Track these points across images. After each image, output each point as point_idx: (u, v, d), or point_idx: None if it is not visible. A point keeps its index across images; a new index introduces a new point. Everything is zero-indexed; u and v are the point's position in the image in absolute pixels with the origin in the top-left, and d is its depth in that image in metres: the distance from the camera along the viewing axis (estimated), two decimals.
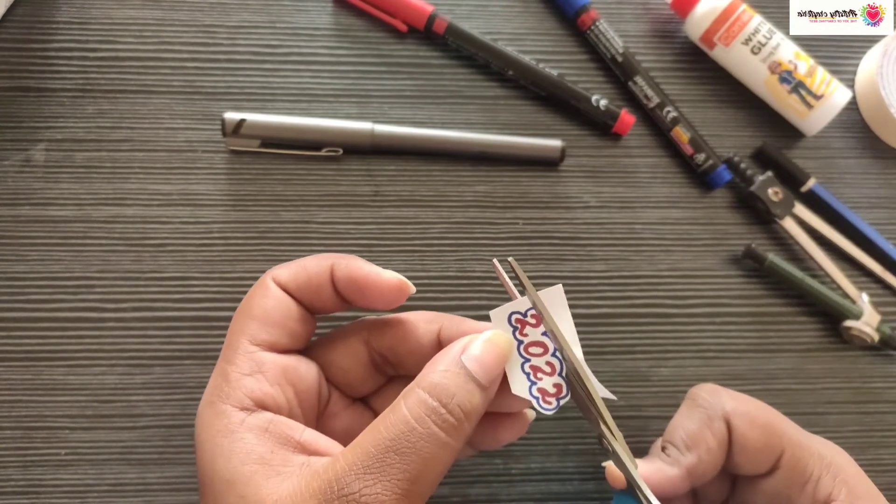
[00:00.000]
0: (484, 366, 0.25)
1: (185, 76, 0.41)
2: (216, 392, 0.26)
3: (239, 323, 0.28)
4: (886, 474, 0.41)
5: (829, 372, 0.42)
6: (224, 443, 0.25)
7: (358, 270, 0.28)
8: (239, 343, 0.27)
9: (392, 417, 0.24)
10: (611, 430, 0.27)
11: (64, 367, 0.37)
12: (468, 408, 0.24)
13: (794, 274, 0.41)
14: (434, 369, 0.25)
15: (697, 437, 0.30)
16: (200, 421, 0.26)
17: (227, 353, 0.27)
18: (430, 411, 0.24)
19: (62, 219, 0.39)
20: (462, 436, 0.24)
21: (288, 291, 0.29)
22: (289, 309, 0.28)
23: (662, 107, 0.43)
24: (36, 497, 0.36)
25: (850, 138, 0.45)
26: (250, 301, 0.29)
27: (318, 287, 0.29)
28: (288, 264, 0.30)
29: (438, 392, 0.24)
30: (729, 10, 0.42)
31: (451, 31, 0.42)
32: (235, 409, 0.25)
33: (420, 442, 0.23)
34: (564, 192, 0.42)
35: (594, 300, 0.41)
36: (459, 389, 0.24)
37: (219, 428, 0.25)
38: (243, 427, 0.25)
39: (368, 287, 0.28)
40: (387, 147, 0.41)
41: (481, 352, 0.25)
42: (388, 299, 0.29)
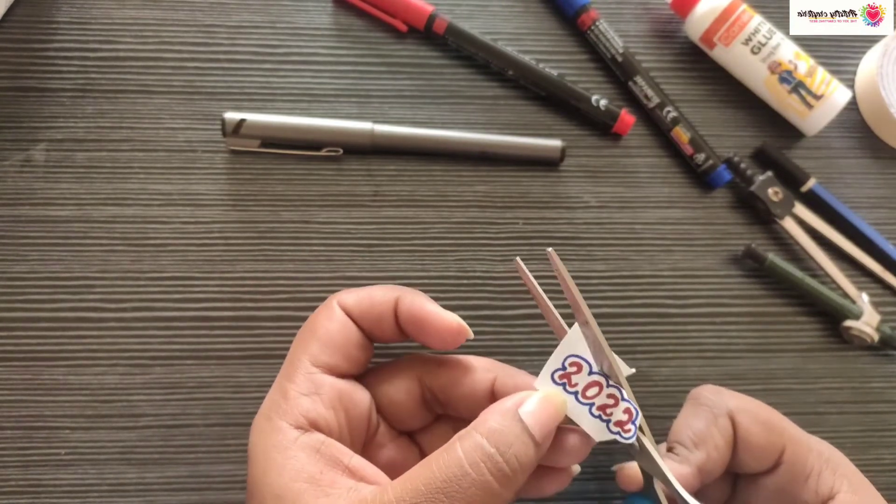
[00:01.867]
0: (539, 422, 0.25)
1: (186, 76, 0.41)
2: (274, 407, 0.27)
3: (302, 342, 0.29)
4: (886, 474, 0.41)
5: (829, 372, 0.42)
6: (277, 458, 0.25)
7: (420, 308, 0.29)
8: (300, 362, 0.28)
9: (446, 458, 0.24)
10: (640, 427, 0.27)
11: (64, 367, 0.37)
12: (524, 460, 0.24)
13: (794, 274, 0.41)
14: (491, 416, 0.25)
15: (705, 435, 0.31)
16: (256, 433, 0.27)
17: (287, 371, 0.28)
18: (487, 457, 0.23)
19: (62, 219, 0.39)
20: (513, 489, 0.24)
21: (351, 317, 0.29)
22: (351, 334, 0.29)
23: (662, 107, 0.43)
24: (36, 497, 0.36)
25: (850, 138, 0.45)
26: (315, 321, 0.29)
27: (380, 316, 0.29)
28: (355, 290, 0.30)
29: (496, 439, 0.24)
30: (729, 10, 0.42)
31: (451, 31, 0.42)
32: (291, 427, 0.26)
33: (472, 489, 0.23)
34: (564, 192, 0.42)
35: (594, 300, 0.41)
36: (517, 440, 0.24)
37: (273, 443, 0.26)
38: (296, 445, 0.25)
39: (429, 326, 0.29)
40: (387, 147, 0.41)
41: (537, 408, 0.25)
42: (445, 340, 0.29)
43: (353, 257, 0.40)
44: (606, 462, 0.38)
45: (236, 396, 0.38)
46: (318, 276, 0.39)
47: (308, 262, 0.40)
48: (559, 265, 0.26)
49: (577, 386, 0.27)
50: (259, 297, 0.39)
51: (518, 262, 0.29)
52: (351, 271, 0.40)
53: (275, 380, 0.29)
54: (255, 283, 0.39)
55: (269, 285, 0.39)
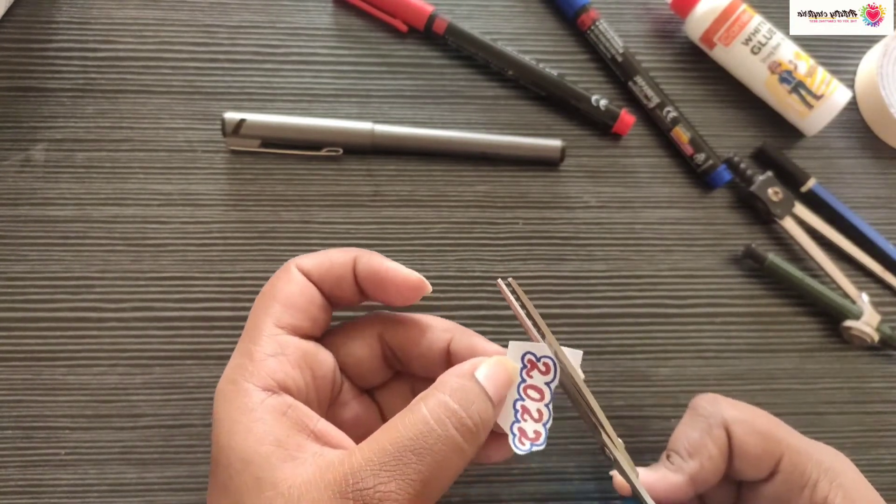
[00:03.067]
0: (494, 384, 0.26)
1: (186, 76, 0.41)
2: (239, 370, 0.26)
3: (263, 305, 0.28)
4: (886, 474, 0.41)
5: (829, 372, 0.42)
6: (243, 419, 0.25)
7: (379, 266, 0.29)
8: (264, 324, 0.28)
9: (411, 417, 0.24)
10: (612, 439, 0.28)
11: (64, 367, 0.37)
12: (485, 416, 0.25)
13: (794, 274, 0.41)
14: (451, 378, 0.26)
15: (698, 445, 0.31)
16: (221, 397, 0.26)
17: (250, 334, 0.28)
18: (451, 413, 0.24)
19: (62, 219, 0.39)
20: (476, 444, 0.25)
21: (310, 279, 0.29)
22: (311, 295, 0.29)
23: (662, 107, 0.43)
24: (36, 497, 0.36)
25: (850, 138, 0.45)
26: (274, 285, 0.29)
27: (339, 277, 0.30)
28: (312, 254, 0.30)
29: (459, 396, 0.25)
30: (729, 10, 0.42)
31: (451, 31, 0.42)
32: (257, 389, 0.26)
33: (437, 444, 0.23)
34: (564, 192, 0.42)
35: (594, 300, 0.41)
36: (478, 398, 0.25)
37: (238, 405, 0.25)
38: (263, 407, 0.25)
39: (388, 281, 0.29)
40: (387, 147, 0.41)
41: (492, 371, 0.26)
42: (405, 296, 0.29)
43: None
44: (606, 462, 0.38)
45: None
46: None
47: None
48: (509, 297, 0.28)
49: (530, 379, 0.28)
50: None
51: (500, 285, 0.29)
52: None
53: (236, 345, 0.28)
54: (255, 283, 0.39)
55: None
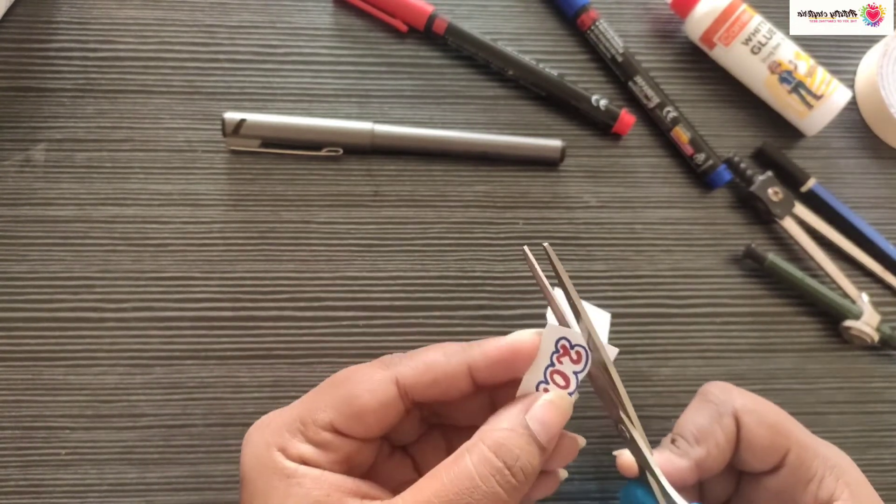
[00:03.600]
0: (547, 428, 0.25)
1: (186, 76, 0.41)
2: (278, 436, 0.26)
3: (334, 396, 0.27)
4: (886, 474, 0.41)
5: (830, 372, 0.42)
6: (280, 484, 0.25)
7: (498, 352, 0.27)
8: (320, 416, 0.26)
9: (456, 470, 0.24)
10: (630, 417, 0.27)
11: (64, 367, 0.37)
12: (530, 470, 0.25)
13: (794, 274, 0.41)
14: (498, 426, 0.25)
15: (707, 432, 0.31)
16: (253, 455, 0.26)
17: (304, 413, 0.26)
18: (496, 471, 0.24)
19: (62, 219, 0.39)
20: (520, 495, 0.25)
21: (409, 395, 0.27)
22: (392, 413, 0.27)
23: (662, 107, 0.43)
24: (36, 497, 0.36)
25: (850, 138, 0.45)
26: (358, 386, 0.27)
27: (448, 386, 0.27)
28: (413, 363, 0.27)
29: (504, 453, 0.24)
30: (729, 11, 0.42)
31: (451, 31, 0.42)
32: (289, 460, 0.25)
33: (483, 500, 0.23)
34: (564, 192, 0.42)
35: (594, 300, 0.41)
36: (523, 451, 0.24)
37: (273, 469, 0.25)
38: (298, 473, 0.25)
39: (517, 359, 0.27)
40: (387, 147, 0.41)
41: (544, 414, 0.25)
42: (534, 357, 0.27)
43: (353, 257, 0.40)
44: (607, 462, 0.38)
45: (236, 396, 0.38)
46: (318, 276, 0.39)
47: (308, 262, 0.40)
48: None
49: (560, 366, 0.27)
50: (259, 297, 0.39)
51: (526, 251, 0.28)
52: (351, 271, 0.40)
53: (292, 403, 0.27)
54: (255, 283, 0.39)
55: (269, 285, 0.39)
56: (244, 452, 0.26)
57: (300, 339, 0.39)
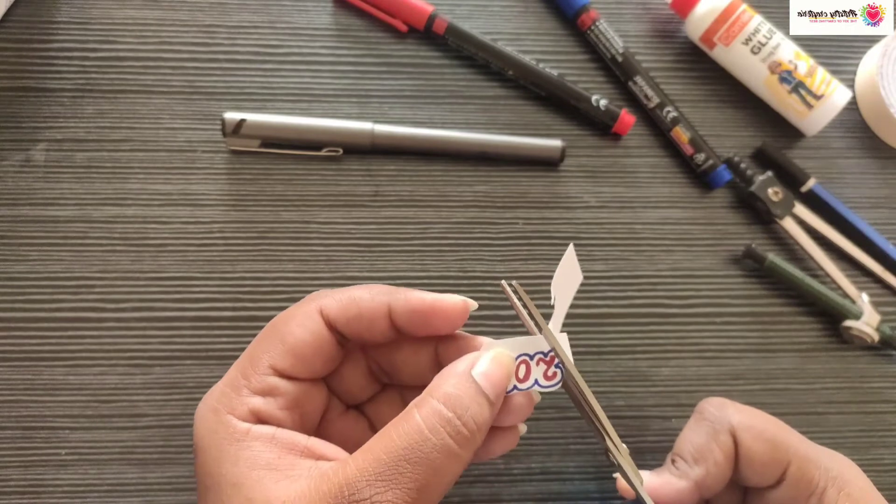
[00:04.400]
0: (492, 382, 0.25)
1: (186, 76, 0.41)
2: (223, 400, 0.26)
3: (268, 340, 0.27)
4: (886, 474, 0.41)
5: (829, 372, 0.42)
6: (230, 449, 0.25)
7: (420, 302, 0.28)
8: (260, 362, 0.27)
9: (405, 426, 0.24)
10: (615, 444, 0.27)
11: (64, 367, 0.37)
12: (480, 421, 0.25)
13: (794, 274, 0.41)
14: (446, 381, 0.25)
15: (705, 451, 0.31)
16: (203, 425, 0.26)
17: (244, 365, 0.27)
18: (445, 422, 0.24)
19: (62, 219, 0.39)
20: (472, 448, 0.25)
21: (333, 325, 0.28)
22: (325, 346, 0.28)
23: (662, 107, 0.43)
24: (36, 497, 0.36)
25: (849, 138, 0.45)
26: (287, 323, 0.27)
27: (370, 322, 0.28)
28: (338, 295, 0.28)
29: (453, 403, 0.24)
30: (729, 10, 0.42)
31: (451, 31, 0.42)
32: (239, 420, 0.26)
33: (433, 452, 0.23)
34: (564, 192, 0.42)
35: (594, 300, 0.41)
36: (473, 402, 0.25)
37: (223, 435, 0.25)
38: (249, 436, 0.25)
39: (435, 316, 0.28)
40: (387, 147, 0.41)
41: (489, 368, 0.25)
42: (454, 323, 0.28)
43: (353, 257, 0.40)
44: (607, 462, 0.38)
45: None
46: (318, 276, 0.39)
47: (308, 262, 0.40)
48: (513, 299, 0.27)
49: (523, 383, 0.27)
50: (259, 297, 0.39)
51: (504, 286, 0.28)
52: (351, 271, 0.40)
53: (232, 366, 0.27)
54: (255, 283, 0.39)
55: (269, 285, 0.39)
56: (195, 424, 0.26)
57: None
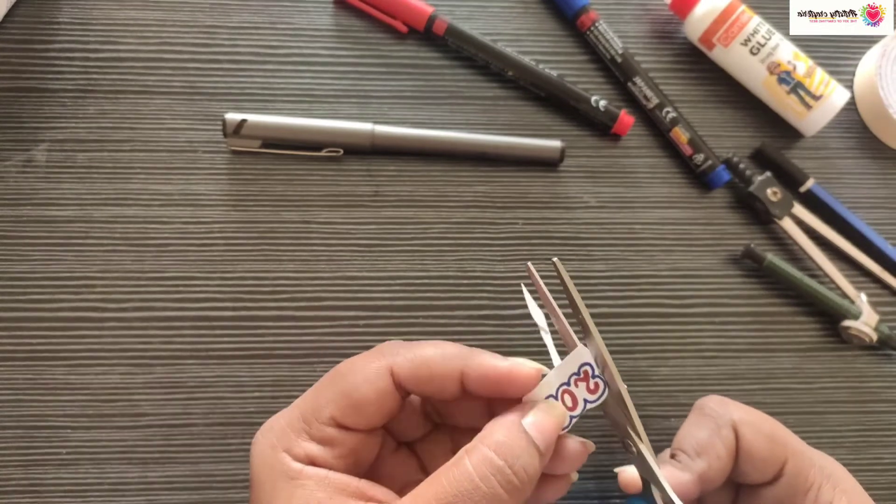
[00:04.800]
0: (543, 432, 0.25)
1: (187, 77, 0.41)
2: (283, 437, 0.26)
3: (333, 390, 0.27)
4: (886, 474, 0.41)
5: (828, 371, 0.42)
6: (285, 486, 0.25)
7: (494, 370, 0.27)
8: (322, 411, 0.26)
9: (456, 472, 0.24)
10: (638, 432, 0.27)
11: (65, 367, 0.37)
12: (531, 471, 0.24)
13: (793, 274, 0.42)
14: (497, 429, 0.25)
15: (707, 445, 0.31)
16: (260, 459, 0.26)
17: (306, 410, 0.27)
18: (497, 471, 0.24)
19: (64, 219, 0.39)
20: (521, 499, 0.25)
21: (402, 386, 0.27)
22: (389, 403, 0.27)
23: (662, 107, 0.43)
24: (37, 496, 0.36)
25: (848, 139, 0.46)
26: (356, 376, 0.27)
27: (440, 386, 0.27)
28: (410, 354, 0.28)
29: (505, 452, 0.24)
30: (728, 11, 0.42)
31: (451, 31, 0.42)
32: (294, 460, 0.26)
33: (483, 501, 0.23)
34: (564, 193, 0.42)
35: (594, 300, 0.41)
36: (524, 452, 0.24)
37: (280, 471, 0.25)
38: (303, 475, 0.25)
39: (510, 384, 0.27)
40: (387, 147, 0.41)
41: (539, 419, 0.26)
42: (526, 390, 0.27)
43: (353, 257, 0.40)
44: (607, 462, 0.38)
45: (237, 396, 0.38)
46: (318, 276, 0.40)
47: (308, 262, 0.40)
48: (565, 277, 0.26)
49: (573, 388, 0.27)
50: (260, 297, 0.39)
51: (529, 267, 0.28)
52: (351, 271, 0.40)
53: (294, 402, 0.27)
54: (256, 282, 0.39)
55: (269, 285, 0.39)
56: (252, 455, 0.27)
57: (300, 338, 0.39)
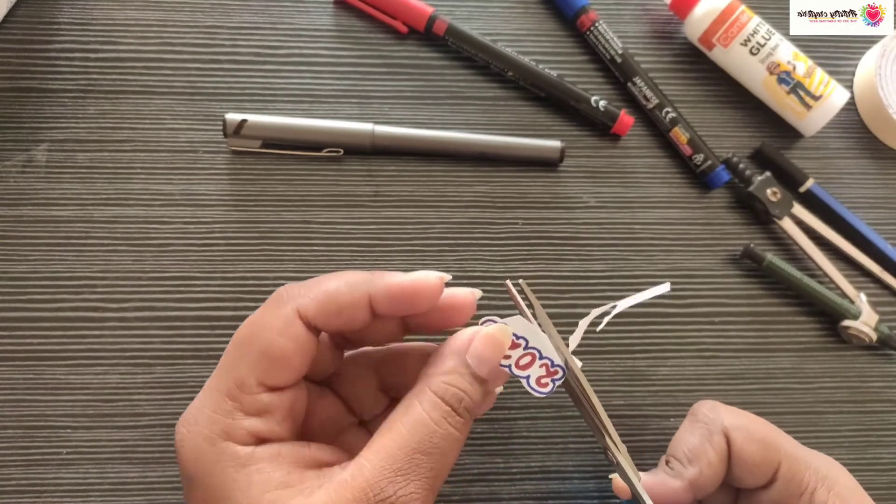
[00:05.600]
0: (487, 362, 0.26)
1: (187, 77, 0.41)
2: (216, 424, 0.24)
3: (248, 356, 0.25)
4: (885, 473, 0.41)
5: (828, 371, 0.42)
6: (238, 476, 0.24)
7: (398, 287, 0.26)
8: (247, 381, 0.25)
9: (412, 419, 0.25)
10: (615, 443, 0.28)
11: (66, 367, 0.37)
12: (473, 405, 0.26)
13: (792, 274, 0.42)
14: (441, 368, 0.26)
15: (698, 451, 0.31)
16: (197, 456, 0.24)
17: (229, 387, 0.25)
18: (446, 414, 0.25)
19: (64, 219, 0.39)
20: (468, 428, 0.26)
21: (313, 325, 0.26)
22: (308, 348, 0.26)
23: (661, 107, 0.43)
24: (38, 496, 0.36)
25: (848, 139, 0.46)
26: (266, 333, 0.25)
27: (350, 316, 0.26)
28: (312, 293, 0.26)
29: (450, 397, 0.25)
30: (728, 11, 0.42)
31: (451, 32, 0.42)
32: (241, 446, 0.24)
33: (441, 441, 0.24)
34: (564, 193, 0.42)
35: (594, 300, 0.41)
36: (467, 391, 0.26)
37: (227, 463, 0.24)
38: (255, 458, 0.24)
39: (417, 297, 0.27)
40: (387, 148, 0.41)
41: (484, 349, 0.26)
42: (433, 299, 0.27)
43: (353, 257, 0.40)
44: (606, 462, 0.38)
45: None
46: (318, 276, 0.39)
47: (309, 262, 0.40)
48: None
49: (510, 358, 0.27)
50: (260, 297, 0.39)
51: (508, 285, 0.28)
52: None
53: (206, 387, 0.26)
54: (257, 282, 0.39)
55: (270, 285, 0.39)
56: (183, 455, 0.25)
57: None
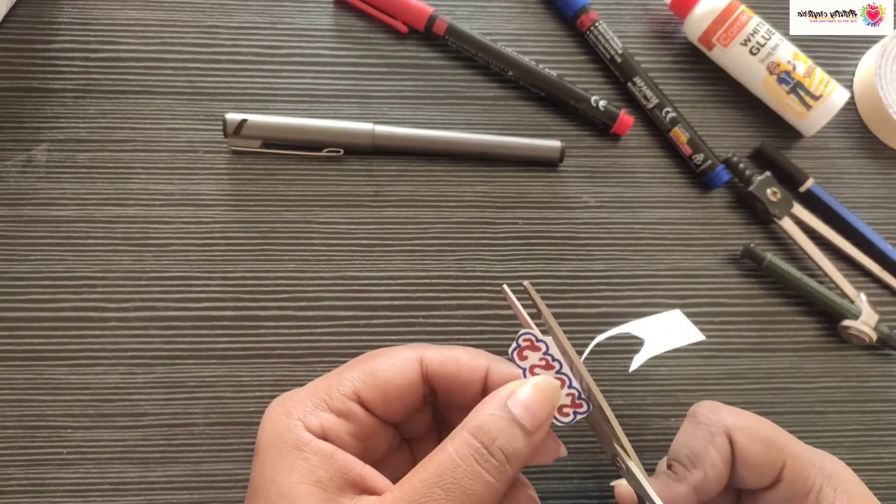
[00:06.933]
0: (530, 411, 0.26)
1: (187, 77, 0.41)
2: (299, 405, 0.26)
3: (361, 370, 0.28)
4: (885, 473, 0.41)
5: (828, 371, 0.42)
6: (288, 457, 0.25)
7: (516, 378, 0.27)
8: (348, 385, 0.27)
9: (439, 456, 0.25)
10: (625, 448, 0.27)
11: (66, 367, 0.37)
12: (510, 451, 0.25)
13: (792, 274, 0.42)
14: (480, 413, 0.26)
15: (701, 454, 0.31)
16: (270, 425, 0.26)
17: (331, 383, 0.27)
18: (474, 451, 0.24)
19: (64, 219, 0.39)
20: (505, 476, 0.25)
21: (429, 378, 0.28)
22: (413, 394, 0.28)
23: (661, 107, 0.43)
24: (38, 496, 0.36)
25: (848, 138, 0.46)
26: (386, 361, 0.28)
27: (466, 381, 0.28)
28: (441, 350, 0.29)
29: (481, 434, 0.25)
30: (728, 11, 0.42)
31: (451, 32, 0.42)
32: (307, 430, 0.26)
33: (464, 479, 0.24)
34: (564, 192, 0.42)
35: (594, 300, 0.41)
36: (502, 433, 0.25)
37: (287, 439, 0.26)
38: (310, 447, 0.25)
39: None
40: (387, 147, 0.41)
41: (528, 398, 0.26)
42: None
43: (353, 257, 0.40)
44: (606, 462, 0.38)
45: (237, 396, 0.38)
46: (319, 276, 0.40)
47: (309, 262, 0.40)
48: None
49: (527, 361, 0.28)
50: (260, 297, 0.39)
51: (505, 290, 0.28)
52: (351, 271, 0.40)
53: (315, 380, 0.28)
54: (257, 282, 0.39)
55: (270, 285, 0.39)
56: (263, 422, 0.27)
57: (301, 338, 0.39)
